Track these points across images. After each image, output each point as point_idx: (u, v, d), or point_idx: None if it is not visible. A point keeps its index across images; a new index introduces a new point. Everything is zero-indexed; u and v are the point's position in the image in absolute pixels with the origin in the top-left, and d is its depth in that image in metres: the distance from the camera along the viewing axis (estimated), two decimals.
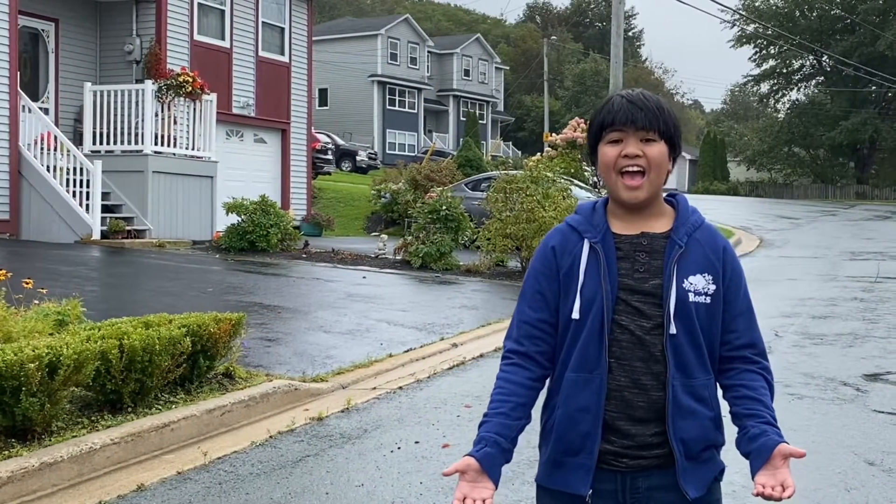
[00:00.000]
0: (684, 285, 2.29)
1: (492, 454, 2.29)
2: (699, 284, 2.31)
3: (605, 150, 2.34)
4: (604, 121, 2.35)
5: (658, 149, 2.32)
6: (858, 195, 61.46)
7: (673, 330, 2.26)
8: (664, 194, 2.42)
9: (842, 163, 69.60)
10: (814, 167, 68.94)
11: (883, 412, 6.85)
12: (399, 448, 5.74)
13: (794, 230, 28.27)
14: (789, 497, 2.18)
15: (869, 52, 60.47)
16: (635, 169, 2.31)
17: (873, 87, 63.05)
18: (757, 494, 2.20)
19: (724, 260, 2.36)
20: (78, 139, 17.43)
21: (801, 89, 72.01)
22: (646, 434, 2.28)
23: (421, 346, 8.81)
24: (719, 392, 2.39)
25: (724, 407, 2.39)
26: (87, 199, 15.86)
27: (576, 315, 2.31)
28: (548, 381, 2.44)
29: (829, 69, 67.90)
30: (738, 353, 2.36)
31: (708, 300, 2.31)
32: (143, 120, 16.96)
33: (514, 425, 2.33)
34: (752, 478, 2.24)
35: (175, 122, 17.52)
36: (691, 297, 2.29)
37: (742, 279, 2.40)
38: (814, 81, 71.27)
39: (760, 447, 2.25)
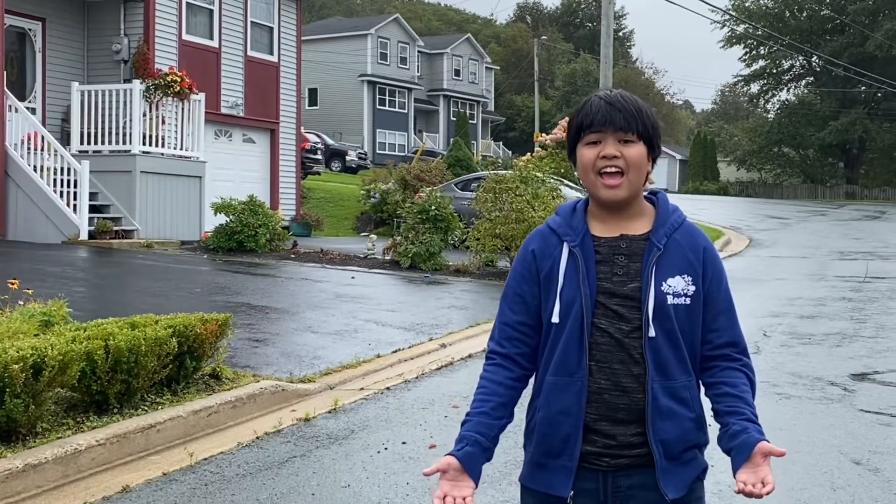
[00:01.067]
0: (663, 288, 2.30)
1: (472, 453, 2.31)
2: (678, 286, 2.31)
3: (584, 152, 2.35)
4: (582, 122, 2.35)
5: (636, 150, 2.32)
6: (848, 195, 61.67)
7: (652, 333, 2.27)
8: (645, 192, 2.42)
9: (831, 163, 69.82)
10: (803, 167, 69.13)
11: (870, 412, 6.86)
12: (386, 449, 5.72)
13: (783, 230, 28.35)
14: (769, 493, 2.19)
15: (858, 53, 60.69)
16: (613, 170, 2.31)
17: (863, 88, 63.27)
18: (738, 491, 2.22)
19: (704, 260, 2.37)
20: (65, 139, 17.36)
21: (791, 89, 72.30)
22: (627, 434, 2.29)
23: (409, 347, 8.79)
24: (702, 392, 2.40)
25: (708, 406, 2.39)
26: (75, 199, 15.79)
27: (555, 319, 2.33)
28: (531, 381, 2.45)
29: (818, 69, 68.11)
30: (721, 351, 2.37)
31: (688, 301, 2.32)
32: (130, 120, 16.90)
33: (495, 424, 2.36)
34: (734, 475, 2.26)
35: (163, 122, 17.47)
36: (670, 300, 2.30)
37: (723, 278, 2.40)
38: (803, 82, 71.50)
39: (741, 444, 2.26)
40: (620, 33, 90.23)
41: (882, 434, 6.29)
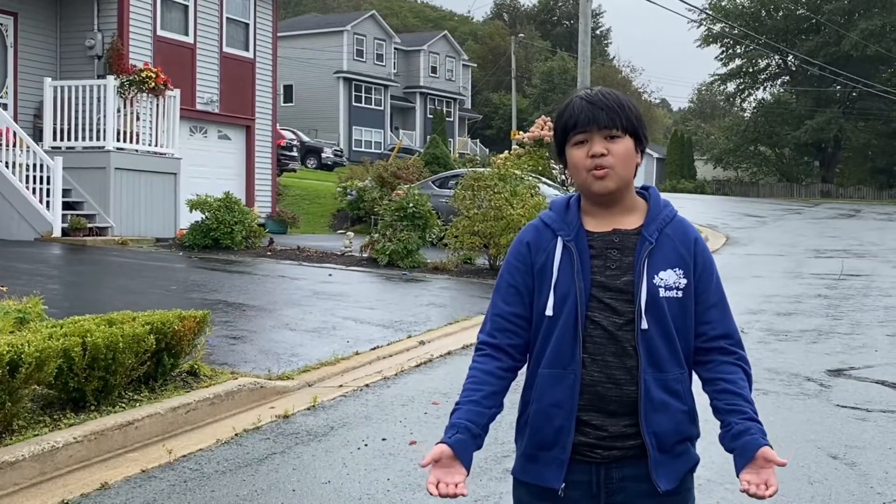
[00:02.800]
0: (655, 281, 2.32)
1: (463, 440, 2.32)
2: (670, 279, 2.34)
3: (573, 153, 2.38)
4: (566, 124, 2.38)
5: (624, 144, 2.35)
6: (823, 194, 62.18)
7: (644, 325, 2.30)
8: (637, 186, 2.44)
9: (807, 162, 70.37)
10: (779, 166, 69.62)
11: (846, 407, 6.91)
12: (366, 445, 5.71)
13: (759, 228, 28.52)
14: (772, 495, 2.26)
15: (834, 52, 61.15)
16: (604, 168, 2.33)
17: (838, 87, 63.79)
18: (743, 491, 2.28)
19: (695, 253, 2.40)
20: (38, 135, 17.18)
21: (767, 88, 72.79)
22: (619, 425, 2.31)
23: (388, 344, 8.77)
24: (696, 385, 2.41)
25: (699, 401, 2.40)
26: (48, 195, 15.64)
27: (549, 312, 2.35)
28: (524, 371, 2.47)
29: (794, 69, 68.59)
30: (714, 343, 2.39)
31: (679, 294, 2.34)
32: (104, 116, 16.76)
33: (485, 413, 2.37)
34: (737, 474, 2.31)
35: (138, 119, 17.34)
36: (662, 293, 2.32)
37: (714, 271, 2.43)
38: (779, 81, 72.00)
39: (744, 446, 2.29)
40: (598, 31, 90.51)
41: (858, 429, 6.34)
